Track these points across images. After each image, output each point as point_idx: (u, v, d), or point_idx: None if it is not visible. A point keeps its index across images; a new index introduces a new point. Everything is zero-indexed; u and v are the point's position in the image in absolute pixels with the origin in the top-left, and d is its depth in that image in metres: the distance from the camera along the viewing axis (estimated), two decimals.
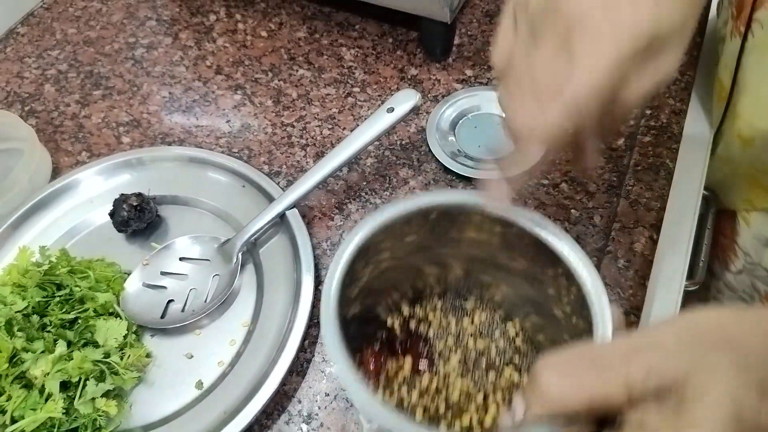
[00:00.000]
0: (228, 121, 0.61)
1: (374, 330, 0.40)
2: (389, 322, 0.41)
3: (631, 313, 0.45)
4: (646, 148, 0.54)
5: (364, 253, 0.34)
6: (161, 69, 0.66)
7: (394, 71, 0.63)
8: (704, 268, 0.62)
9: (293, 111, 0.61)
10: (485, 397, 0.37)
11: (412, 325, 0.41)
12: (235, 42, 0.67)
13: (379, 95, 0.61)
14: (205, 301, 0.49)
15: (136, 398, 0.46)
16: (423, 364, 0.39)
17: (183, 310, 0.49)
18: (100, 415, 0.43)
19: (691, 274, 0.60)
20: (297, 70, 0.64)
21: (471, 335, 0.40)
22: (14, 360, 0.42)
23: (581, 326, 0.32)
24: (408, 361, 0.38)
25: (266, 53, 0.66)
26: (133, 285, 0.49)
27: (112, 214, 0.52)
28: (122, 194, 0.52)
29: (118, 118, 0.62)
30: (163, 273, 0.50)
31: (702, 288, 0.60)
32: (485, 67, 0.62)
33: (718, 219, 0.65)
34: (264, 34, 0.68)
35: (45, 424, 0.42)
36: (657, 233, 0.49)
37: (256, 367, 0.45)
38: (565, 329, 0.35)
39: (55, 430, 0.42)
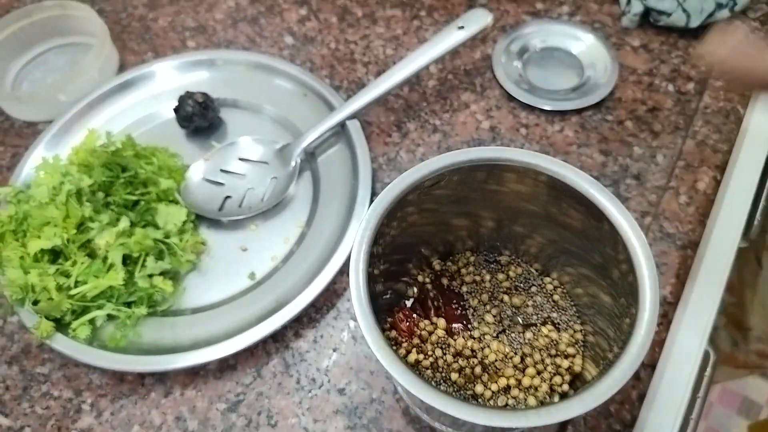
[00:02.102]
0: (292, 35, 0.61)
1: (406, 287, 0.39)
2: (420, 278, 0.40)
3: (688, 248, 0.45)
4: (717, 92, 0.52)
5: (390, 212, 0.33)
6: None
7: None
8: (759, 226, 0.60)
9: (357, 29, 0.61)
10: (522, 358, 0.36)
11: (445, 281, 0.40)
12: None
13: (446, 20, 0.60)
14: (262, 200, 0.50)
15: (189, 283, 0.47)
16: (457, 325, 0.37)
17: (240, 207, 0.50)
18: (156, 291, 0.44)
19: (745, 232, 0.59)
20: None
21: (506, 291, 0.39)
22: (81, 228, 0.44)
23: (631, 288, 0.30)
24: (441, 322, 0.37)
25: None
26: (193, 177, 0.50)
27: (176, 110, 0.53)
28: (188, 91, 0.53)
29: (184, 23, 0.63)
30: (222, 170, 0.51)
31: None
32: (557, 2, 0.61)
33: None
34: None
35: (105, 292, 0.43)
36: (721, 175, 0.48)
37: (308, 265, 0.46)
38: (622, 291, 0.32)
39: (114, 299, 0.44)
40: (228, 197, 0.50)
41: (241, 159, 0.52)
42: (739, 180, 0.47)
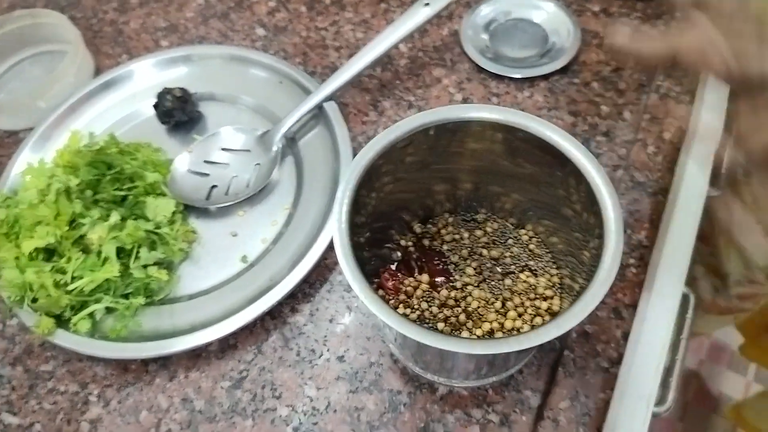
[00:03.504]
0: (263, 26, 0.62)
1: (390, 252, 0.41)
2: (403, 242, 0.42)
3: (659, 194, 0.47)
4: None
5: (367, 180, 0.34)
6: None
7: None
8: (726, 174, 0.63)
9: (327, 16, 0.62)
10: (503, 303, 0.38)
11: (426, 242, 0.42)
12: None
13: (412, 1, 0.62)
14: (247, 186, 0.51)
15: (183, 272, 0.48)
16: (440, 279, 0.39)
17: (226, 194, 0.51)
18: (152, 280, 0.45)
19: (714, 181, 0.62)
20: None
21: (484, 245, 0.41)
22: (73, 224, 0.45)
23: (592, 222, 0.32)
24: (425, 277, 0.39)
25: None
26: (178, 170, 0.51)
27: (156, 106, 0.54)
28: (166, 87, 0.54)
29: (156, 23, 0.64)
30: (206, 161, 0.52)
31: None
32: None
33: None
34: None
35: (102, 285, 0.44)
36: (686, 124, 0.50)
37: (298, 243, 0.48)
38: (577, 227, 0.35)
39: (111, 292, 0.45)
40: (214, 186, 0.51)
41: (223, 149, 0.53)
42: (705, 127, 0.50)
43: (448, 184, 0.41)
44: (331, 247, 0.47)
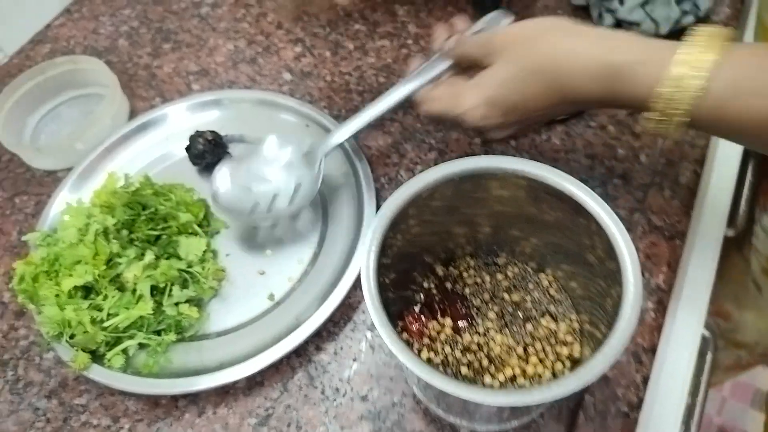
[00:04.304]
0: (290, 71, 0.65)
1: (413, 294, 0.43)
2: (425, 284, 0.43)
3: (676, 238, 0.48)
4: None
5: (394, 222, 0.36)
6: (226, 25, 0.70)
7: None
8: (744, 216, 0.64)
9: (350, 61, 0.65)
10: (525, 348, 0.39)
11: (448, 285, 0.43)
12: (294, 0, 0.71)
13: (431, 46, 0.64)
14: (289, 204, 0.51)
15: (212, 309, 0.50)
16: (463, 323, 0.40)
17: (268, 211, 0.51)
18: (183, 318, 0.47)
19: (731, 221, 0.63)
20: (353, 25, 0.68)
21: (506, 289, 0.42)
22: (110, 264, 0.47)
23: (614, 268, 0.33)
24: (448, 321, 0.40)
25: (323, 10, 0.70)
26: (223, 185, 0.51)
27: (188, 149, 0.56)
28: (197, 131, 0.57)
29: (187, 68, 0.67)
30: (248, 173, 0.52)
31: (742, 233, 0.62)
32: None
33: (761, 164, 0.66)
34: None
35: (136, 322, 0.46)
36: (701, 167, 0.52)
37: (323, 282, 0.49)
38: (600, 274, 0.36)
39: (144, 329, 0.46)
40: (256, 204, 0.51)
41: (265, 163, 0.52)
42: (719, 171, 0.51)
43: (468, 227, 0.43)
44: (355, 286, 0.48)
